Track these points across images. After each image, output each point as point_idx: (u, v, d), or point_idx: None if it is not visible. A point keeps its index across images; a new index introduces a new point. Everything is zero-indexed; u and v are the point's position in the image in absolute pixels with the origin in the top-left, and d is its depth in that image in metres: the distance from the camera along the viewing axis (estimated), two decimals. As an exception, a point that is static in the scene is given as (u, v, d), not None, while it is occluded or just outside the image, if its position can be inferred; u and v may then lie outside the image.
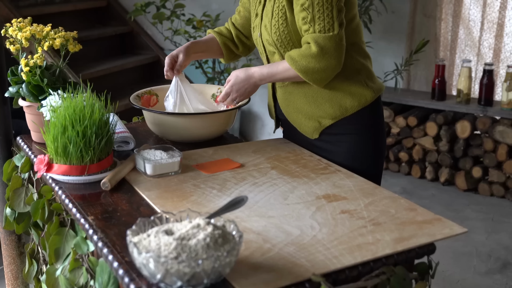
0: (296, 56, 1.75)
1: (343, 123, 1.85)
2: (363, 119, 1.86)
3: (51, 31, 1.91)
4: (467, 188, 4.04)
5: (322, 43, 1.71)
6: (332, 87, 1.82)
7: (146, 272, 1.10)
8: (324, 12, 1.70)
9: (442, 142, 4.12)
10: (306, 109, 1.87)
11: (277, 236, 1.32)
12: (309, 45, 1.73)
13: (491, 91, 3.95)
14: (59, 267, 1.59)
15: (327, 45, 1.71)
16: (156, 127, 1.96)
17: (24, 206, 1.90)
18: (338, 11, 1.72)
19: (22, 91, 1.88)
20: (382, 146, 1.94)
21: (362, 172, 1.75)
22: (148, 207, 1.49)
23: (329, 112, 1.84)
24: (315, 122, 1.88)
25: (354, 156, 1.86)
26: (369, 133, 1.88)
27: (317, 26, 1.71)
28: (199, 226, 1.14)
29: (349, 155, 1.86)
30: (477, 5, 4.41)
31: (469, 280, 2.98)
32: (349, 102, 1.83)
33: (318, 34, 1.71)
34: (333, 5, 1.71)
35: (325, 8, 1.70)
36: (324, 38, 1.71)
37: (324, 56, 1.72)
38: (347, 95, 1.83)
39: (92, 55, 4.47)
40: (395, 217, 1.43)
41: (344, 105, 1.83)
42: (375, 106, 1.89)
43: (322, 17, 1.70)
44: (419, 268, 1.35)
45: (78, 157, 1.58)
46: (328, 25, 1.71)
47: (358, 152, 1.87)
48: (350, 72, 1.83)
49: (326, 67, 1.73)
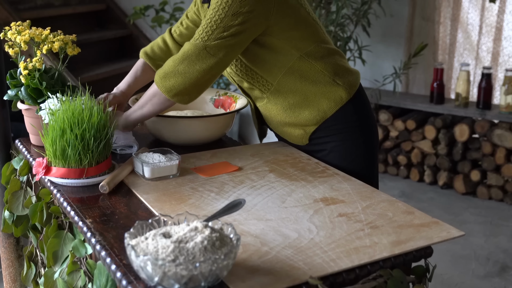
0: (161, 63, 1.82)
1: (327, 125, 1.85)
2: (345, 116, 1.85)
3: (50, 34, 1.91)
4: (466, 191, 4.05)
5: (186, 47, 1.72)
6: (305, 94, 1.82)
7: (143, 275, 1.10)
8: (208, 25, 1.70)
9: (441, 146, 4.12)
10: (288, 121, 1.87)
11: (275, 239, 1.33)
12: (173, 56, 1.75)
13: (490, 95, 3.96)
14: (57, 270, 1.59)
15: (190, 51, 1.70)
16: (155, 130, 1.96)
17: (22, 209, 1.90)
18: (224, 30, 1.68)
19: (21, 94, 1.89)
20: (372, 141, 1.92)
21: (357, 171, 1.76)
22: (146, 210, 1.49)
23: (310, 118, 1.84)
24: (300, 130, 1.88)
25: (346, 154, 1.86)
26: (356, 129, 1.86)
27: (196, 34, 1.72)
28: (197, 229, 1.14)
29: (340, 154, 1.85)
30: (475, 9, 4.42)
31: (467, 284, 2.99)
32: (325, 104, 1.82)
33: (189, 41, 1.73)
34: (221, 25, 1.69)
35: (213, 23, 1.69)
36: (190, 44, 1.71)
37: (183, 60, 1.71)
38: (321, 98, 1.82)
39: (91, 58, 4.48)
40: (393, 220, 1.43)
41: (321, 108, 1.82)
42: (357, 102, 1.87)
43: (204, 27, 1.71)
44: (416, 271, 1.35)
45: (77, 160, 1.59)
46: (203, 34, 1.70)
47: (348, 150, 1.86)
48: (314, 76, 1.81)
49: (184, 71, 1.71)
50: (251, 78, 1.84)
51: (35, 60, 1.86)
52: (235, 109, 2.02)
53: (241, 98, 2.06)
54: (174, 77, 1.72)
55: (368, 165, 1.89)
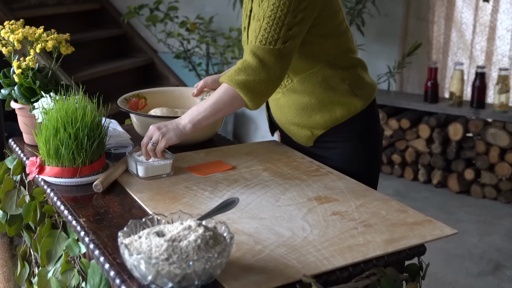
0: (232, 73, 1.66)
1: (336, 131, 1.84)
2: (355, 126, 1.84)
3: (43, 33, 1.91)
4: (460, 190, 4.06)
5: (261, 55, 1.64)
6: (321, 98, 1.80)
7: (137, 274, 1.10)
8: (272, 26, 1.63)
9: (435, 145, 4.14)
10: (297, 121, 1.86)
11: (268, 238, 1.33)
12: (244, 59, 1.66)
13: (483, 94, 3.97)
14: (51, 269, 1.59)
15: (266, 58, 1.64)
16: (144, 131, 1.95)
17: (16, 208, 1.90)
18: (288, 29, 1.63)
19: (14, 93, 1.88)
20: (377, 151, 1.92)
21: (358, 177, 1.73)
22: (140, 209, 1.49)
23: (320, 122, 1.83)
24: (307, 132, 1.87)
25: (349, 162, 1.85)
26: (363, 139, 1.86)
27: (260, 37, 1.65)
28: (190, 227, 1.14)
29: (344, 161, 1.84)
30: (469, 8, 4.43)
31: (461, 282, 3.00)
32: (339, 112, 1.81)
33: (258, 45, 1.65)
34: (284, 23, 1.63)
35: (275, 24, 1.63)
36: (263, 50, 1.64)
37: (263, 69, 1.64)
38: (336, 105, 1.81)
39: (86, 57, 4.47)
40: (386, 219, 1.44)
41: (334, 115, 1.82)
42: (368, 112, 1.87)
43: (268, 29, 1.64)
44: (409, 269, 1.36)
45: (70, 159, 1.58)
46: (271, 38, 1.64)
47: (353, 158, 1.85)
48: (335, 83, 1.80)
49: (266, 80, 1.64)
50: None
51: (29, 59, 1.85)
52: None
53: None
54: (259, 87, 1.64)
55: (369, 175, 1.88)
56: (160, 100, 2.15)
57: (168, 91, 2.20)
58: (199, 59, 4.63)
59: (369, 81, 1.89)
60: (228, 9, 4.33)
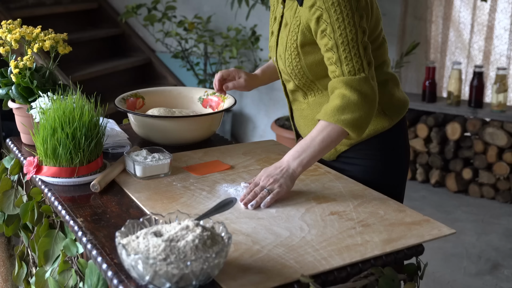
0: (336, 112, 1.54)
1: (360, 148, 1.75)
2: (380, 143, 1.75)
3: (41, 33, 1.91)
4: (458, 189, 4.06)
5: (358, 87, 1.54)
6: None
7: (135, 274, 1.10)
8: (351, 51, 1.54)
9: (433, 144, 4.14)
10: None
11: (266, 238, 1.33)
12: (343, 94, 1.55)
13: (481, 93, 3.98)
14: (49, 269, 1.59)
15: (363, 89, 1.54)
16: (141, 130, 1.95)
17: (13, 208, 1.90)
18: (364, 48, 1.56)
19: (12, 93, 1.88)
20: (403, 167, 1.83)
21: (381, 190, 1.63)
22: (138, 209, 1.49)
23: (343, 140, 1.73)
24: None
25: (372, 177, 1.75)
26: (387, 156, 1.78)
27: (345, 67, 1.55)
28: (188, 227, 1.14)
29: (366, 175, 1.74)
30: (467, 8, 4.43)
31: (459, 281, 3.00)
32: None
33: (350, 77, 1.55)
34: (359, 43, 1.54)
35: (351, 47, 1.54)
36: (358, 81, 1.54)
37: (365, 101, 1.54)
38: None
39: (83, 57, 4.46)
40: (384, 219, 1.44)
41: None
42: (396, 130, 1.77)
43: (349, 57, 1.54)
44: (407, 269, 1.36)
45: (68, 159, 1.58)
46: (357, 65, 1.55)
47: (376, 173, 1.76)
48: None
49: (370, 112, 1.56)
50: (301, 80, 1.71)
51: (26, 58, 1.85)
52: (223, 108, 2.02)
53: (229, 97, 2.06)
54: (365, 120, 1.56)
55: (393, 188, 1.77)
56: (158, 99, 2.14)
57: (166, 91, 2.20)
58: (197, 59, 4.63)
59: (400, 97, 1.79)
60: (226, 9, 4.33)
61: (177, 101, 2.16)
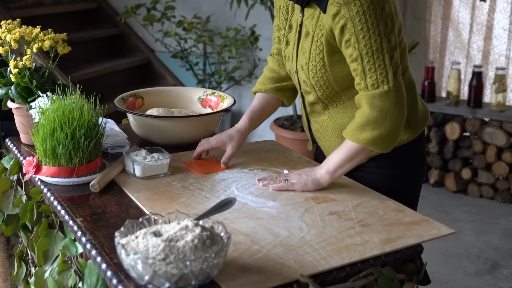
0: (356, 130, 1.54)
1: (377, 158, 1.72)
2: (401, 153, 1.71)
3: (40, 33, 1.91)
4: (457, 189, 4.07)
5: (379, 103, 1.51)
6: None
7: (134, 274, 1.10)
8: (375, 62, 1.49)
9: (432, 144, 4.14)
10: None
11: (266, 238, 1.33)
12: (363, 111, 1.53)
13: (480, 93, 3.98)
14: (48, 269, 1.59)
15: (385, 104, 1.50)
16: (140, 130, 1.95)
17: (13, 208, 1.90)
18: (390, 57, 1.50)
19: (11, 93, 1.88)
20: (419, 176, 1.80)
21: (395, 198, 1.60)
22: (137, 209, 1.49)
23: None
24: None
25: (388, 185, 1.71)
26: (407, 165, 1.75)
27: (369, 80, 1.51)
28: (187, 227, 1.14)
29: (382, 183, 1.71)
30: (466, 8, 4.43)
31: (458, 281, 3.00)
32: None
33: (372, 92, 1.51)
34: (384, 53, 1.49)
35: (376, 58, 1.49)
36: (380, 96, 1.50)
37: (386, 118, 1.51)
38: None
39: (83, 57, 4.46)
40: (383, 218, 1.44)
41: None
42: (417, 140, 1.74)
43: (373, 68, 1.50)
44: (406, 269, 1.36)
45: (67, 159, 1.58)
46: (381, 77, 1.50)
47: (392, 182, 1.73)
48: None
49: (392, 127, 1.52)
50: (326, 91, 1.66)
51: (26, 58, 1.85)
52: (222, 108, 2.02)
53: (228, 97, 2.06)
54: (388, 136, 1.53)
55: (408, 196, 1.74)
56: (157, 99, 2.15)
57: (165, 91, 2.20)
58: (196, 59, 4.63)
59: (422, 109, 1.76)
60: (225, 9, 4.33)
61: (176, 101, 2.16)
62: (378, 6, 1.48)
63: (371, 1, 1.48)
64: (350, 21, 1.49)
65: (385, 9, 1.50)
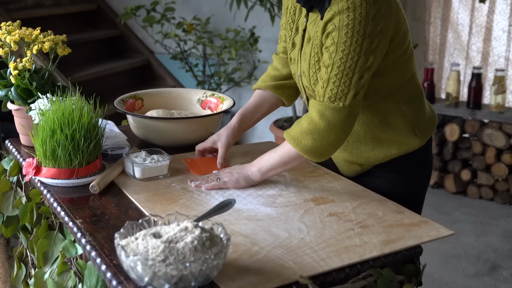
0: (298, 135, 1.53)
1: (385, 165, 1.71)
2: (408, 160, 1.70)
3: (40, 34, 1.91)
4: (456, 191, 4.07)
5: (329, 116, 1.50)
6: (376, 136, 1.67)
7: (133, 275, 1.10)
8: (342, 77, 1.48)
9: (432, 145, 4.14)
10: (345, 156, 1.75)
11: (265, 239, 1.33)
12: (311, 118, 1.52)
13: (480, 95, 3.98)
14: (48, 270, 1.59)
15: (335, 119, 1.50)
16: (140, 132, 1.96)
17: (12, 210, 1.90)
18: (359, 77, 1.48)
19: (11, 94, 1.88)
20: (425, 181, 1.80)
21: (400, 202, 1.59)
22: (137, 211, 1.49)
23: (372, 159, 1.70)
24: (356, 167, 1.75)
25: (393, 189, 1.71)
26: (414, 170, 1.74)
27: (328, 91, 1.50)
28: (187, 229, 1.15)
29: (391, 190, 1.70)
30: (465, 9, 4.44)
31: (458, 282, 3.00)
32: (394, 151, 1.68)
33: (326, 104, 1.50)
34: (355, 71, 1.47)
35: (345, 74, 1.47)
36: (332, 110, 1.49)
37: (331, 131, 1.51)
38: (392, 144, 1.68)
39: (82, 58, 4.47)
40: (383, 220, 1.44)
41: (389, 153, 1.68)
42: (424, 147, 1.73)
43: (337, 82, 1.48)
44: (406, 270, 1.36)
45: (67, 160, 1.58)
46: (340, 93, 1.48)
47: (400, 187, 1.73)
48: (396, 121, 1.65)
49: (334, 142, 1.52)
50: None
51: (25, 60, 1.85)
52: (222, 110, 2.02)
53: (227, 99, 2.06)
54: (327, 149, 1.53)
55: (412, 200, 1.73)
56: (157, 101, 2.15)
57: (165, 92, 2.20)
58: (196, 60, 4.63)
59: (429, 115, 1.75)
60: (225, 10, 4.33)
61: (176, 103, 2.16)
62: (372, 22, 1.46)
63: (365, 16, 1.45)
64: (336, 31, 1.48)
65: (378, 26, 1.47)
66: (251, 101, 1.87)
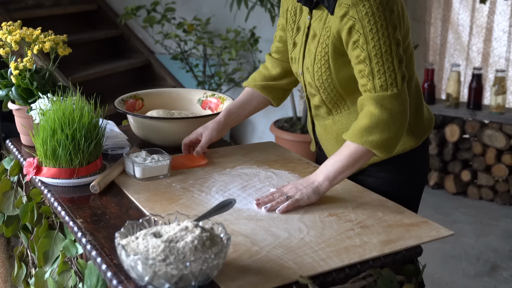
0: (363, 132, 1.49)
1: (380, 164, 1.71)
2: (404, 160, 1.72)
3: (40, 34, 1.91)
4: (456, 191, 4.07)
5: (389, 105, 1.48)
6: None
7: (134, 275, 1.10)
8: (384, 64, 1.47)
9: (432, 146, 4.14)
10: None
11: (265, 239, 1.33)
12: (372, 113, 1.49)
13: (480, 95, 3.98)
14: (48, 270, 1.59)
15: (395, 106, 1.49)
16: (140, 132, 1.96)
17: (13, 209, 1.90)
18: (399, 61, 1.49)
19: (12, 94, 1.88)
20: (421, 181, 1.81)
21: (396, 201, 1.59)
22: (137, 210, 1.49)
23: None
24: None
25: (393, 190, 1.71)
26: (410, 170, 1.75)
27: (378, 81, 1.49)
28: (187, 228, 1.15)
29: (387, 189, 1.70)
30: (466, 10, 4.44)
31: (458, 283, 3.00)
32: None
33: (382, 93, 1.49)
34: (393, 55, 1.48)
35: (385, 60, 1.47)
36: (390, 98, 1.48)
37: (395, 120, 1.49)
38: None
39: (83, 58, 4.47)
40: (383, 220, 1.44)
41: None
42: (421, 147, 1.74)
43: (382, 70, 1.48)
44: (406, 271, 1.36)
45: (67, 160, 1.59)
46: (390, 79, 1.48)
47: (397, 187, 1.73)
48: None
49: (399, 131, 1.51)
50: (330, 94, 1.65)
51: (26, 60, 1.85)
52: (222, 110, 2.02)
53: (228, 99, 2.06)
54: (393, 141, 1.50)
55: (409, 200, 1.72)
56: (157, 101, 2.15)
57: (165, 92, 2.21)
58: (196, 60, 4.63)
59: (427, 116, 1.76)
60: (225, 10, 4.33)
61: (176, 103, 2.17)
62: (388, 8, 1.48)
63: (380, 3, 1.47)
64: (358, 22, 1.48)
65: (394, 12, 1.49)
66: (240, 98, 1.89)
